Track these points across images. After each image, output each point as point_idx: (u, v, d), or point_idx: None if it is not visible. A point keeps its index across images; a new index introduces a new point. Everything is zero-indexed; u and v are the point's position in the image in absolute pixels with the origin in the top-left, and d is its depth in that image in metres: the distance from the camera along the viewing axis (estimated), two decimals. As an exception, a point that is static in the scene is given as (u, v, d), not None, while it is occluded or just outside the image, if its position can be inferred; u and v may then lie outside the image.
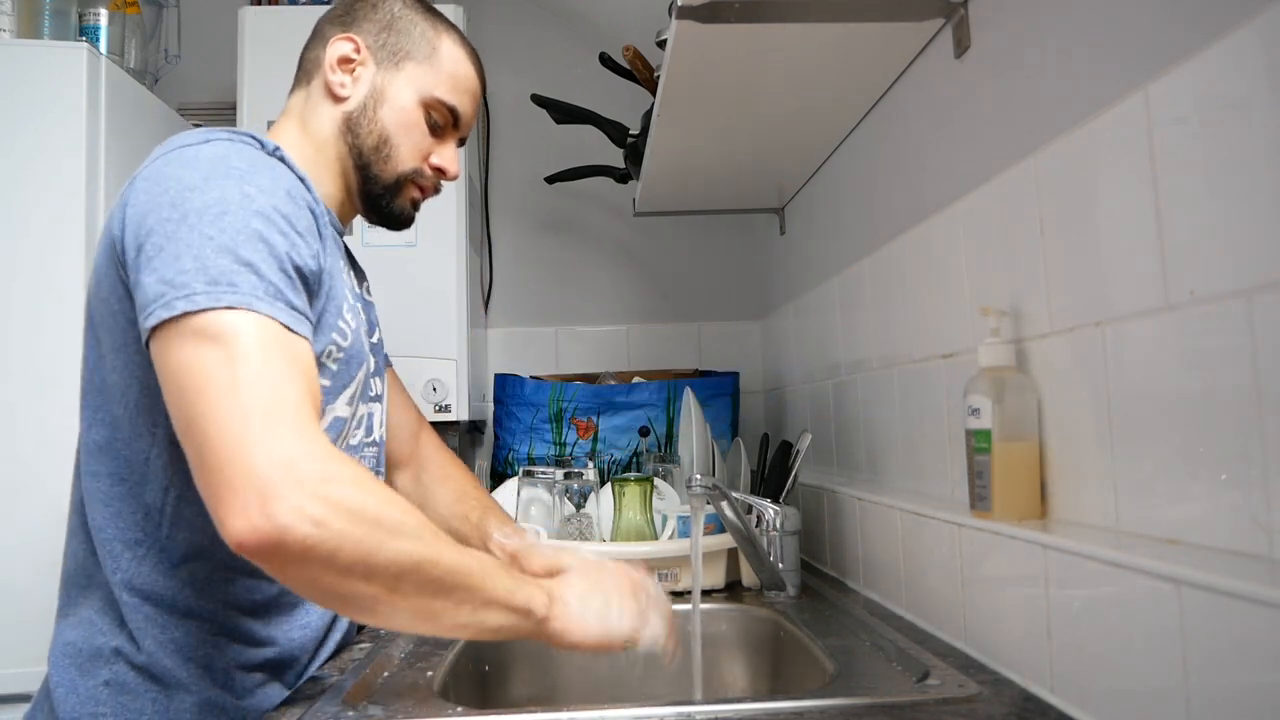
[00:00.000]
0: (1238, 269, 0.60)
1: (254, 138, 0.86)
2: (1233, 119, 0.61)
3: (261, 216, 0.77)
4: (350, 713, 0.82)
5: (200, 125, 2.02)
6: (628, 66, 1.61)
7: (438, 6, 1.87)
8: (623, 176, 1.87)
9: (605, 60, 1.72)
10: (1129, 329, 0.72)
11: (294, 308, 0.77)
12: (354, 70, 0.97)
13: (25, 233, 1.55)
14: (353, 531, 0.67)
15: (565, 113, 1.80)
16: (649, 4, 1.54)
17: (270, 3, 2.01)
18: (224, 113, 2.06)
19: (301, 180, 0.86)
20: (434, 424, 1.79)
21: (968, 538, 0.92)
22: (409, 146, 0.98)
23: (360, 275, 1.09)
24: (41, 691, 0.88)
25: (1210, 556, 0.61)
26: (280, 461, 0.66)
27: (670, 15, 1.04)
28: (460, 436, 1.88)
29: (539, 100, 1.81)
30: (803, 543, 1.35)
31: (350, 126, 0.97)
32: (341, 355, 0.90)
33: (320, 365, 0.85)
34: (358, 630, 1.10)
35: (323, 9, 1.95)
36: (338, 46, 0.97)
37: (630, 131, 1.74)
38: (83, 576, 0.87)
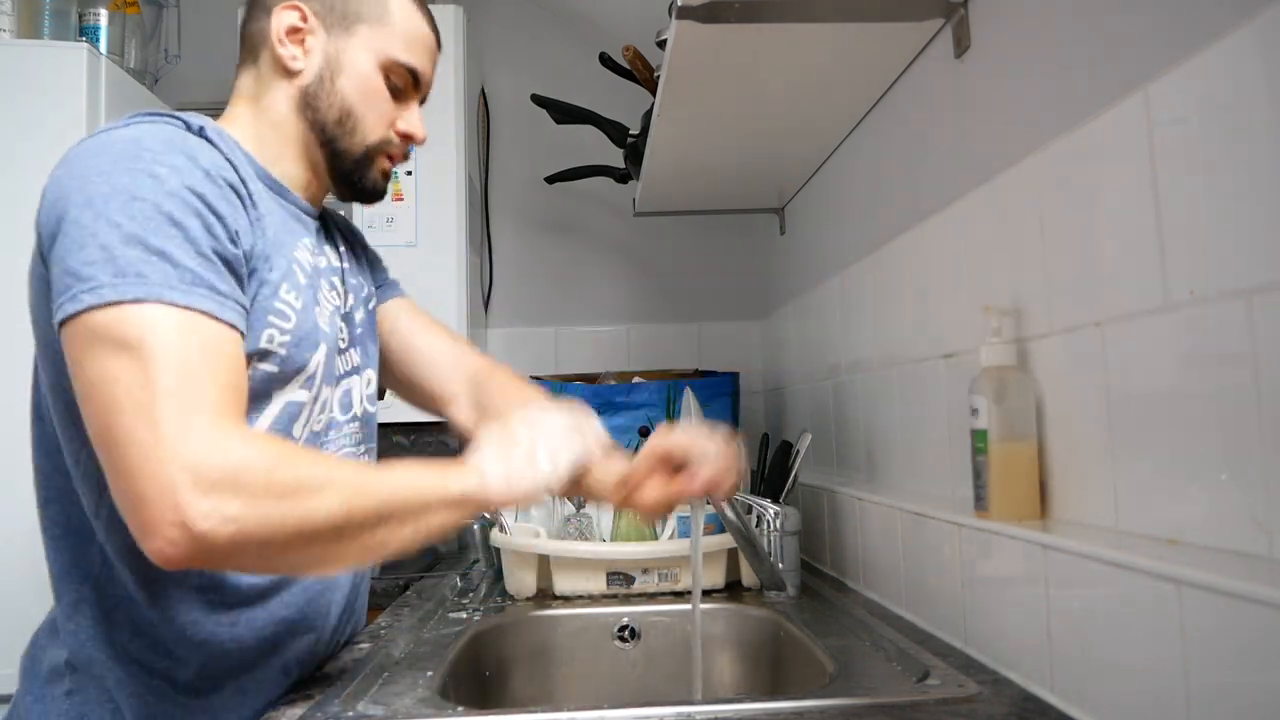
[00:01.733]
0: (1238, 269, 0.60)
1: (179, 118, 0.81)
2: (1233, 119, 0.61)
3: (175, 198, 0.73)
4: (350, 713, 0.82)
5: (200, 125, 2.02)
6: (628, 66, 1.61)
7: (438, 8, 1.87)
8: (623, 176, 1.87)
9: (605, 60, 1.72)
10: (1129, 329, 0.72)
11: (217, 291, 0.74)
12: (303, 40, 0.91)
13: (25, 232, 1.55)
14: (274, 511, 0.67)
15: (565, 113, 1.80)
16: (649, 4, 1.54)
17: (270, 3, 2.01)
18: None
19: (229, 159, 0.81)
20: (433, 424, 1.79)
21: (968, 538, 0.92)
22: (374, 115, 0.93)
23: (352, 247, 1.05)
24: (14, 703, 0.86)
25: (1210, 556, 0.61)
26: (187, 466, 0.65)
27: (670, 15, 1.05)
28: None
29: (539, 100, 1.81)
30: (803, 543, 1.35)
31: (308, 102, 0.91)
32: (287, 338, 0.84)
33: (264, 352, 0.81)
34: (350, 636, 1.08)
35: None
36: (283, 17, 0.90)
37: (630, 131, 1.74)
38: (70, 566, 0.86)
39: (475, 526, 1.60)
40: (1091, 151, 0.76)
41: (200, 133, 0.81)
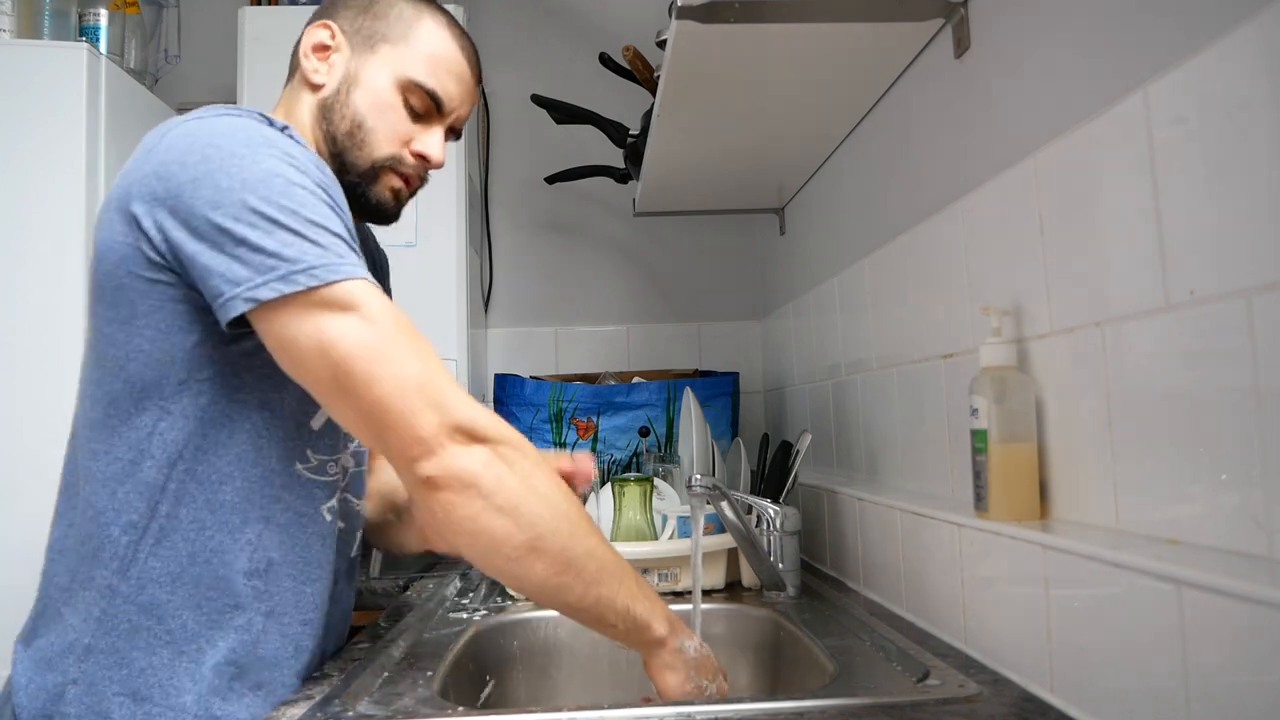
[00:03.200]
0: (1238, 269, 0.60)
1: (259, 114, 0.85)
2: (1232, 119, 0.61)
3: (321, 188, 0.80)
4: (350, 713, 0.82)
5: (200, 125, 2.02)
6: (628, 66, 1.61)
7: (438, 6, 1.87)
8: (623, 176, 1.87)
9: (605, 60, 1.72)
10: (1129, 329, 0.72)
11: (369, 278, 0.80)
12: (329, 57, 0.94)
13: (25, 232, 1.55)
14: (520, 488, 0.79)
15: (565, 113, 1.80)
16: (649, 4, 1.55)
17: (270, 3, 2.01)
18: (224, 113, 2.06)
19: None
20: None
21: (968, 538, 0.92)
22: (384, 130, 0.93)
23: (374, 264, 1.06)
24: (2, 694, 0.86)
25: (1210, 556, 0.61)
26: (465, 418, 0.78)
27: (670, 15, 1.04)
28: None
29: (539, 100, 1.81)
30: (803, 543, 1.35)
31: (324, 113, 0.93)
32: None
33: None
34: (351, 634, 1.08)
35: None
36: (313, 34, 0.95)
37: (630, 131, 1.74)
38: (73, 560, 0.85)
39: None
40: (1091, 151, 0.76)
41: (284, 130, 0.85)
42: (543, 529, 0.79)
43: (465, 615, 1.23)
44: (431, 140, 0.96)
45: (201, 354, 0.82)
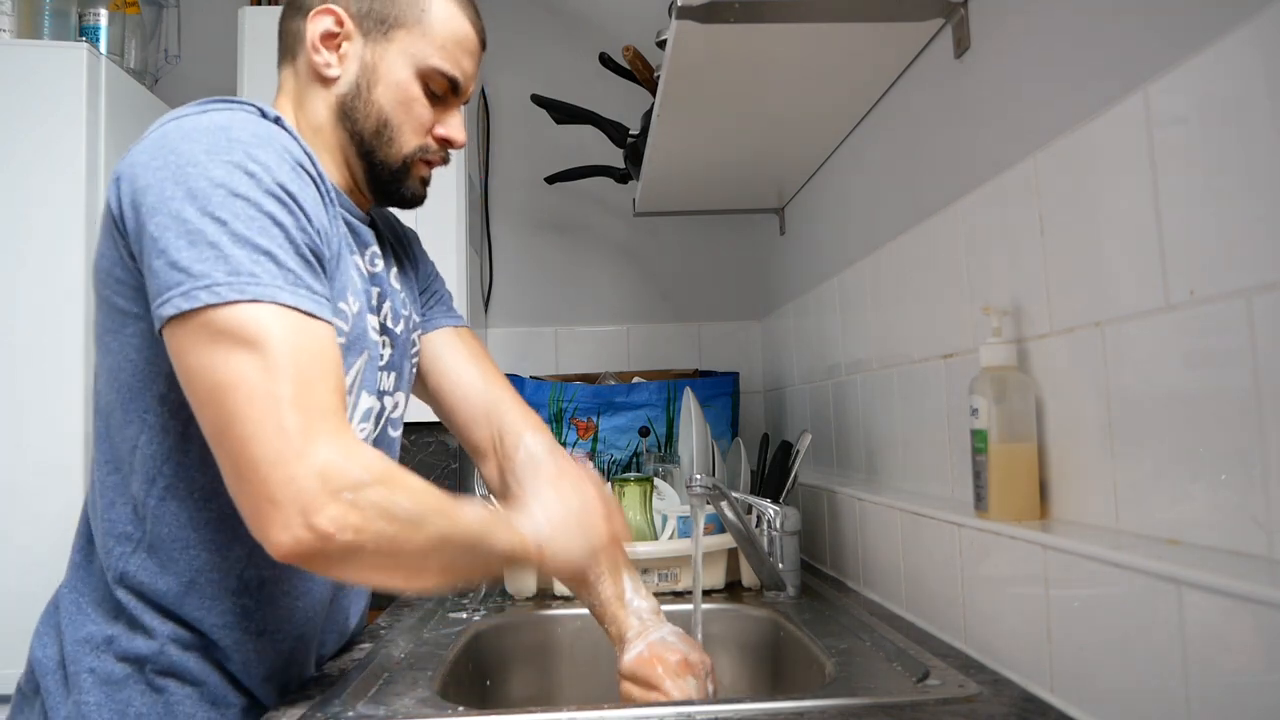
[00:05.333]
0: (1238, 269, 0.60)
1: (254, 105, 0.82)
2: (1233, 119, 0.61)
3: (273, 198, 0.74)
4: (350, 713, 0.82)
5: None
6: (628, 66, 1.61)
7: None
8: (623, 176, 1.87)
9: (605, 60, 1.72)
10: (1129, 329, 0.72)
11: (315, 292, 0.75)
12: (339, 46, 0.90)
13: (26, 232, 1.55)
14: (386, 530, 0.71)
15: (565, 113, 1.80)
16: (649, 4, 1.55)
17: (270, 3, 2.01)
18: (224, 113, 2.06)
19: (306, 152, 0.82)
20: (433, 424, 1.79)
21: (968, 538, 0.92)
22: (411, 125, 0.91)
23: (387, 246, 1.01)
24: (23, 688, 0.86)
25: (1210, 556, 0.61)
26: (318, 473, 0.69)
27: (670, 15, 1.04)
28: (460, 436, 1.88)
29: (539, 100, 1.81)
30: (803, 543, 1.35)
31: (346, 112, 0.90)
32: (342, 340, 0.84)
33: None
34: (359, 630, 1.09)
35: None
36: (318, 22, 0.89)
37: (630, 131, 1.74)
38: (84, 562, 0.87)
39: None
40: (1091, 151, 0.76)
41: (276, 121, 0.82)
42: (438, 556, 0.77)
43: (465, 615, 1.23)
44: (454, 122, 0.94)
45: None
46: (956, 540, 0.95)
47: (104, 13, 1.82)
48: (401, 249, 1.08)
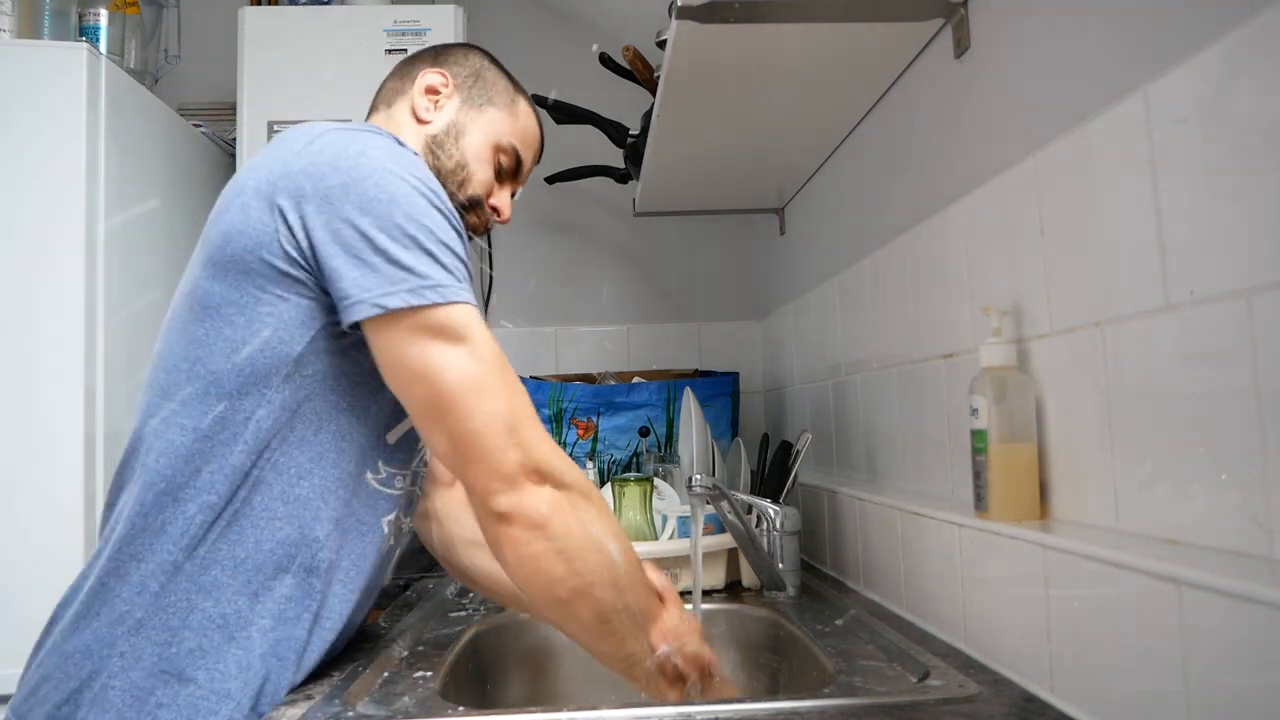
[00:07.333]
0: (1238, 269, 0.60)
1: (393, 137, 0.91)
2: (1233, 119, 0.61)
3: (452, 216, 0.86)
4: (350, 713, 0.82)
5: (200, 125, 2.03)
6: (628, 66, 1.61)
7: (438, 8, 1.87)
8: (623, 176, 1.87)
9: (605, 60, 1.72)
10: (1129, 329, 0.72)
11: (476, 304, 0.86)
12: (439, 101, 1.05)
13: (25, 232, 1.55)
14: (579, 535, 0.84)
15: (565, 113, 1.80)
16: (649, 4, 1.54)
17: (270, 3, 2.01)
18: (224, 113, 2.06)
19: None
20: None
21: (968, 538, 0.92)
22: (480, 176, 1.05)
23: None
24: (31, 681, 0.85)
25: (1210, 556, 0.61)
26: (545, 461, 0.83)
27: (670, 15, 1.05)
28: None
29: (539, 100, 1.80)
30: (803, 543, 1.35)
31: (433, 148, 1.03)
32: None
33: None
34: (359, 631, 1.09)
35: (323, 9, 1.94)
36: (429, 77, 1.05)
37: (630, 131, 1.74)
38: (138, 533, 0.84)
39: (475, 526, 1.60)
40: (1091, 151, 0.76)
41: (416, 155, 0.91)
42: (594, 579, 0.84)
43: (465, 615, 1.24)
44: (504, 199, 1.11)
45: (313, 351, 0.86)
46: (956, 540, 0.95)
47: (104, 13, 1.82)
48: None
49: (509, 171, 1.09)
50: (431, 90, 1.05)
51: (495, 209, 1.10)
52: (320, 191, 0.82)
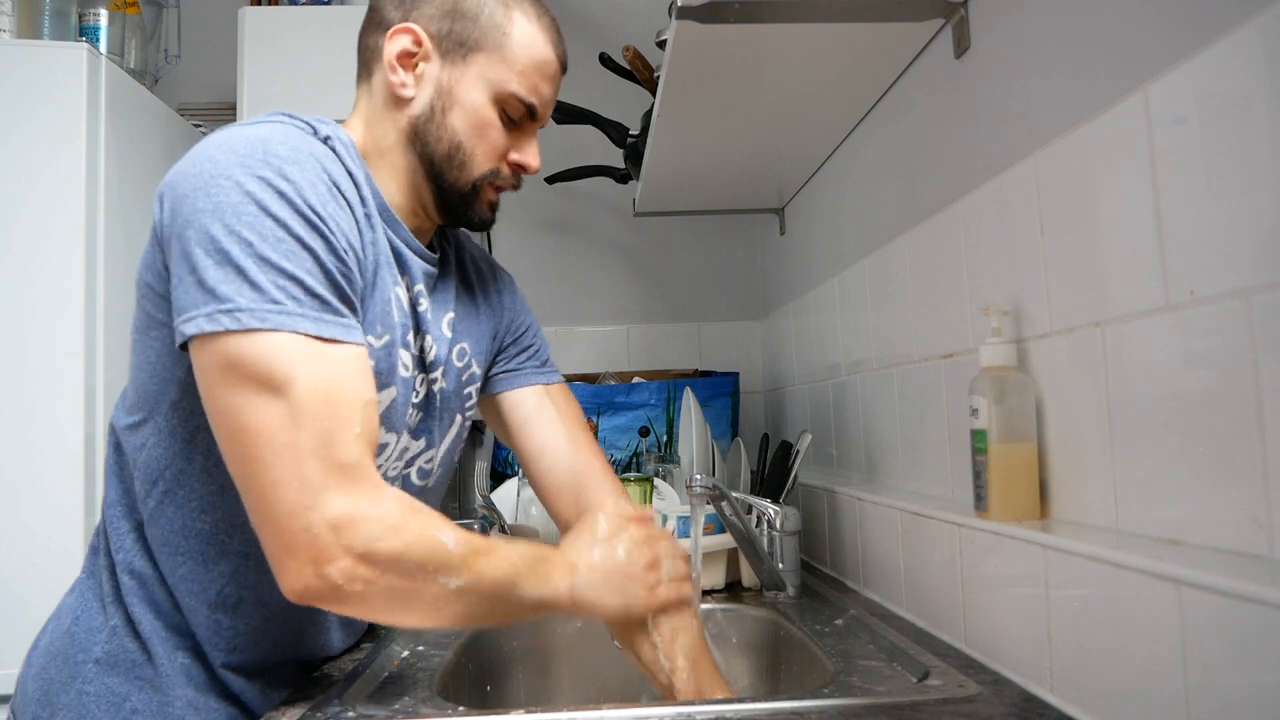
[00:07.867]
0: (1238, 269, 0.60)
1: (307, 122, 0.81)
2: (1233, 119, 0.61)
3: (301, 218, 0.73)
4: (350, 713, 0.82)
5: (200, 125, 2.03)
6: (628, 66, 1.62)
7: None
8: (623, 176, 1.87)
9: (605, 60, 1.72)
10: (1129, 329, 0.72)
11: (341, 315, 0.75)
12: (416, 66, 0.87)
13: (25, 232, 1.55)
14: (398, 583, 0.74)
15: (565, 113, 1.80)
16: (649, 4, 1.55)
17: (270, 3, 2.01)
18: (224, 113, 2.06)
19: (350, 173, 0.81)
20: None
21: (968, 538, 0.92)
22: (484, 150, 0.89)
23: (453, 286, 0.98)
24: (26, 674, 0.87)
25: (1210, 556, 0.61)
26: (332, 526, 0.70)
27: (670, 15, 1.05)
28: (460, 436, 1.88)
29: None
30: (803, 543, 1.35)
31: (418, 135, 0.88)
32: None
33: None
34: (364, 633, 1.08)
35: (323, 9, 1.94)
36: (396, 41, 0.86)
37: (630, 131, 1.74)
38: (93, 551, 0.88)
39: (475, 528, 1.60)
40: (1091, 151, 0.76)
41: (326, 141, 0.81)
42: (448, 586, 0.76)
43: (465, 615, 1.23)
44: (529, 148, 0.93)
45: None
46: (956, 540, 0.95)
47: (104, 13, 1.82)
48: (483, 293, 1.05)
49: (521, 119, 0.90)
50: (405, 57, 0.87)
51: (520, 165, 0.93)
52: (173, 205, 0.74)
